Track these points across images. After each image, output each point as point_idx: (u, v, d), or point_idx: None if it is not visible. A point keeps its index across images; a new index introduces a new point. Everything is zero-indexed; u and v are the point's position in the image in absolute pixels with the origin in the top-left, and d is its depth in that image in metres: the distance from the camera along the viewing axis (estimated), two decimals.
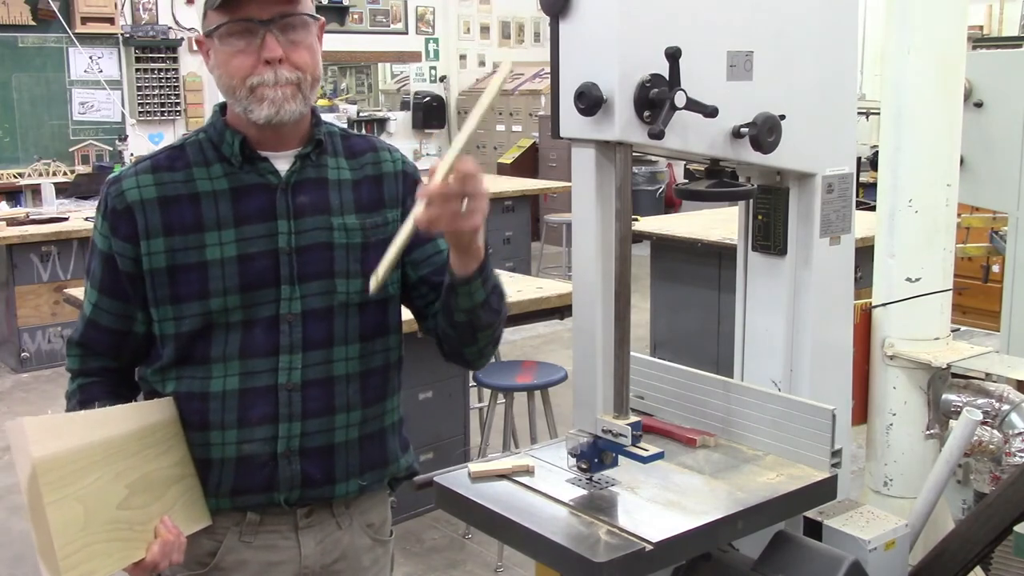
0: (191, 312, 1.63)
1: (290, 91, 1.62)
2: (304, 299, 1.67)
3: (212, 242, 1.63)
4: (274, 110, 1.61)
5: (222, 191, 1.66)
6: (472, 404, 4.60)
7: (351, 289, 1.70)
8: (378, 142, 1.85)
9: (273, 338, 1.65)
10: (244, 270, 1.64)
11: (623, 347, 1.83)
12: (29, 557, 3.93)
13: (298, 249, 1.67)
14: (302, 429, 1.67)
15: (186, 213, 1.64)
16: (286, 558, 1.71)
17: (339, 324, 1.70)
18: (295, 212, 1.67)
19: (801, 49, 2.03)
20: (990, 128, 3.65)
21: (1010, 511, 2.11)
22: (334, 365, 1.70)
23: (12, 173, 8.47)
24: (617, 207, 1.82)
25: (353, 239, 1.71)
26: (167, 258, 1.63)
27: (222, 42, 1.61)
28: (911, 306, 2.69)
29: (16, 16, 8.40)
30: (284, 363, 1.66)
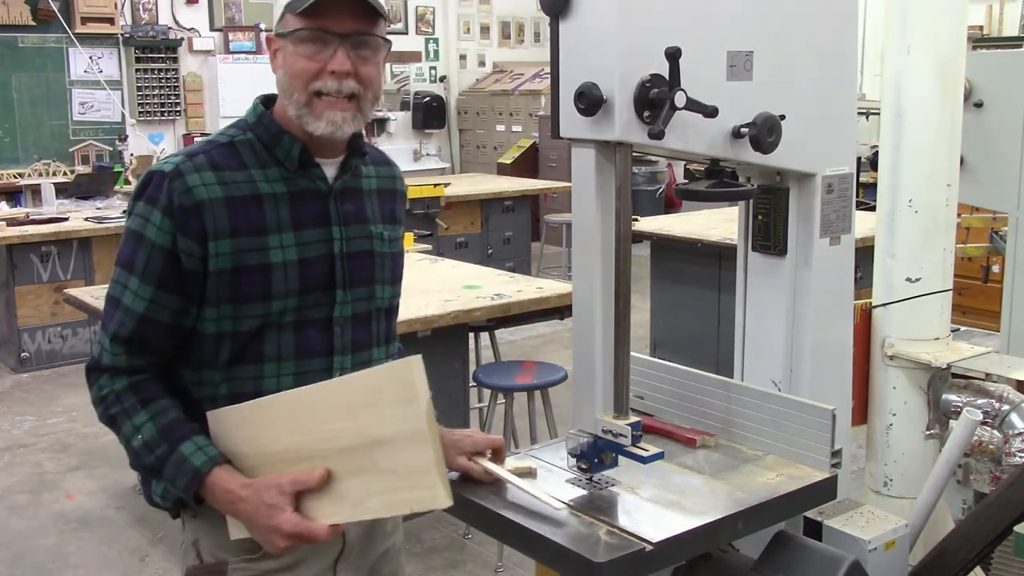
0: (252, 313, 1.65)
1: (350, 112, 1.66)
2: (353, 303, 1.75)
3: (275, 245, 1.66)
4: (332, 129, 1.65)
5: (281, 194, 1.68)
6: (472, 404, 4.60)
7: (384, 295, 1.81)
8: (386, 155, 1.95)
9: (327, 340, 1.72)
10: (304, 273, 1.68)
11: (623, 347, 1.83)
12: (29, 557, 3.93)
13: (348, 255, 1.74)
14: None
15: (252, 215, 1.64)
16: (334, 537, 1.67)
17: (375, 327, 1.80)
18: (345, 219, 1.75)
19: (801, 49, 2.03)
20: (990, 128, 3.65)
21: (1010, 511, 2.11)
22: (372, 365, 1.78)
23: (12, 173, 8.47)
24: (617, 207, 1.82)
25: (385, 248, 1.81)
26: (233, 259, 1.63)
27: (296, 45, 1.65)
28: (911, 306, 2.69)
29: (16, 16, 8.40)
30: (337, 363, 1.73)
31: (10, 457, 5.02)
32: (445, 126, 11.48)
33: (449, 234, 7.92)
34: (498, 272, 4.83)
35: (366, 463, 1.54)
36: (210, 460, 1.59)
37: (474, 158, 11.52)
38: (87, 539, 4.09)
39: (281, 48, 1.68)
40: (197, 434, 1.63)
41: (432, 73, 11.52)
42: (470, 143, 11.62)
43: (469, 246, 8.13)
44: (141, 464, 1.64)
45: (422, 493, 1.53)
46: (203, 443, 1.62)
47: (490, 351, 4.70)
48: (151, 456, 1.61)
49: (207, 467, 1.58)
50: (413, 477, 1.52)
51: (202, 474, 1.58)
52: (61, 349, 6.59)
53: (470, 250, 8.05)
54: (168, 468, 1.60)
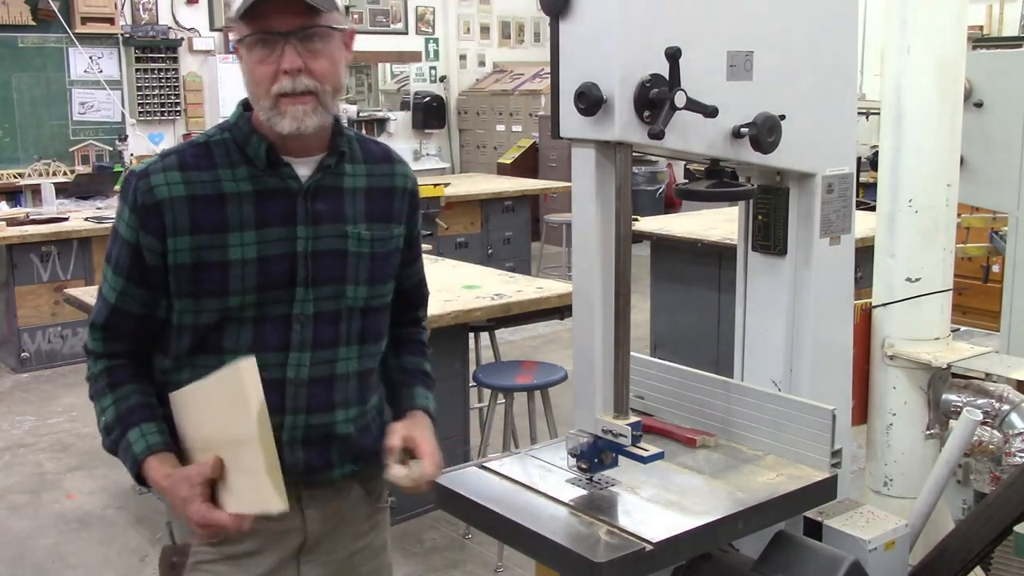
0: (210, 307, 1.71)
1: (310, 105, 1.67)
2: (316, 301, 1.75)
3: (235, 243, 1.70)
4: (295, 125, 1.67)
5: (247, 193, 1.72)
6: (472, 404, 4.60)
7: (358, 295, 1.80)
8: (394, 153, 1.93)
9: (285, 336, 1.74)
10: (263, 271, 1.71)
11: (623, 347, 1.83)
12: (29, 557, 3.93)
13: (314, 254, 1.74)
14: (306, 421, 1.76)
15: (212, 213, 1.69)
16: (292, 527, 1.80)
17: (344, 326, 1.79)
18: (313, 218, 1.75)
19: (801, 49, 2.03)
20: (990, 128, 3.65)
21: (1010, 511, 2.11)
22: (337, 364, 1.79)
23: (12, 173, 8.47)
24: (617, 207, 1.82)
25: (364, 248, 1.80)
26: (192, 255, 1.69)
27: (248, 51, 1.68)
28: (911, 306, 2.69)
29: (16, 16, 8.39)
30: (293, 360, 1.74)
31: (10, 457, 5.02)
32: (445, 126, 11.48)
33: (449, 234, 7.91)
34: (498, 272, 4.83)
35: (233, 460, 1.64)
36: (147, 448, 1.69)
37: (474, 158, 11.52)
38: (87, 539, 4.09)
39: (241, 55, 1.71)
40: (148, 421, 1.72)
41: (432, 73, 11.52)
42: (470, 143, 11.62)
43: (469, 246, 8.13)
44: (104, 444, 1.76)
45: (261, 495, 1.60)
46: (149, 431, 1.71)
47: (490, 351, 4.70)
48: (109, 438, 1.74)
49: (143, 455, 1.69)
50: (255, 479, 1.61)
51: (139, 461, 1.69)
52: (61, 349, 6.59)
53: (470, 250, 8.05)
54: (120, 451, 1.72)
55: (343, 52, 1.74)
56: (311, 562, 1.83)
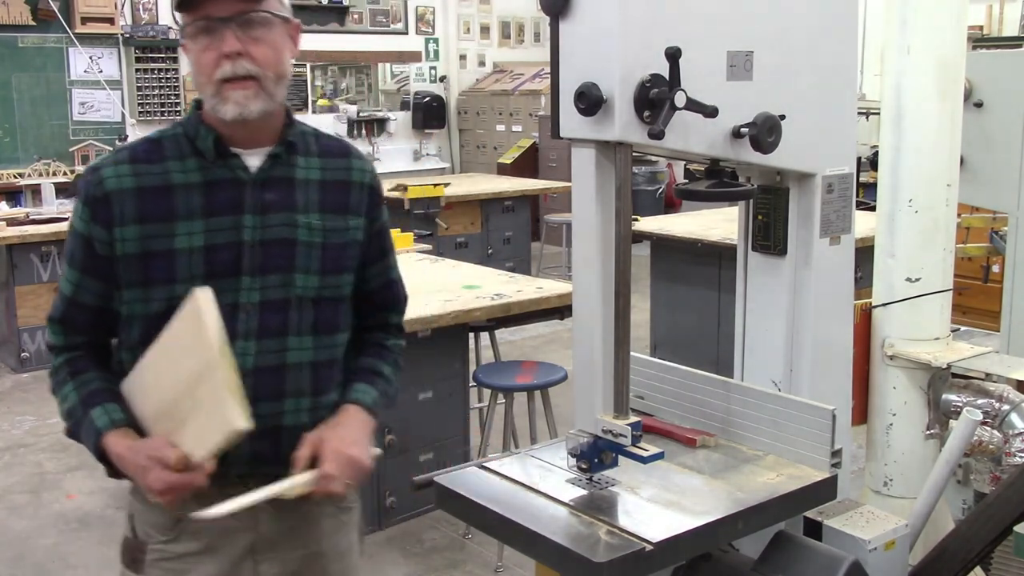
0: (158, 296, 1.73)
1: (252, 90, 1.70)
2: (262, 290, 1.76)
3: (182, 232, 1.72)
4: (238, 110, 1.69)
5: (195, 184, 1.74)
6: (472, 404, 4.60)
7: (308, 284, 1.80)
8: (353, 149, 1.94)
9: (231, 325, 1.73)
10: (209, 259, 1.73)
11: (623, 347, 1.83)
12: (29, 557, 3.93)
13: (262, 243, 1.76)
14: (253, 411, 1.72)
15: (160, 203, 1.73)
16: (243, 525, 1.79)
17: (294, 316, 1.79)
18: (262, 208, 1.76)
19: (801, 49, 2.03)
20: (990, 128, 3.65)
21: (1010, 511, 2.11)
22: (288, 353, 1.79)
23: (12, 173, 8.46)
24: (617, 207, 1.82)
25: (315, 237, 1.80)
26: (139, 245, 1.72)
27: (192, 41, 1.72)
28: (911, 306, 2.69)
29: (16, 16, 8.39)
30: (239, 349, 1.74)
31: (10, 457, 5.02)
32: (445, 126, 11.47)
33: (449, 234, 7.91)
34: (498, 272, 4.83)
35: (194, 406, 1.65)
36: (111, 423, 1.71)
37: (474, 158, 11.52)
38: (87, 539, 4.08)
39: (187, 48, 1.74)
40: (111, 401, 1.74)
41: (432, 73, 11.52)
42: (470, 143, 11.62)
43: (469, 246, 8.13)
44: (67, 431, 1.78)
45: (224, 419, 1.61)
46: (111, 409, 1.73)
47: (490, 351, 4.70)
48: (72, 421, 1.76)
49: (105, 429, 1.70)
50: (218, 405, 1.62)
51: (101, 434, 1.70)
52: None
53: (470, 250, 8.05)
54: (82, 431, 1.73)
55: (287, 43, 1.77)
56: (269, 560, 1.82)
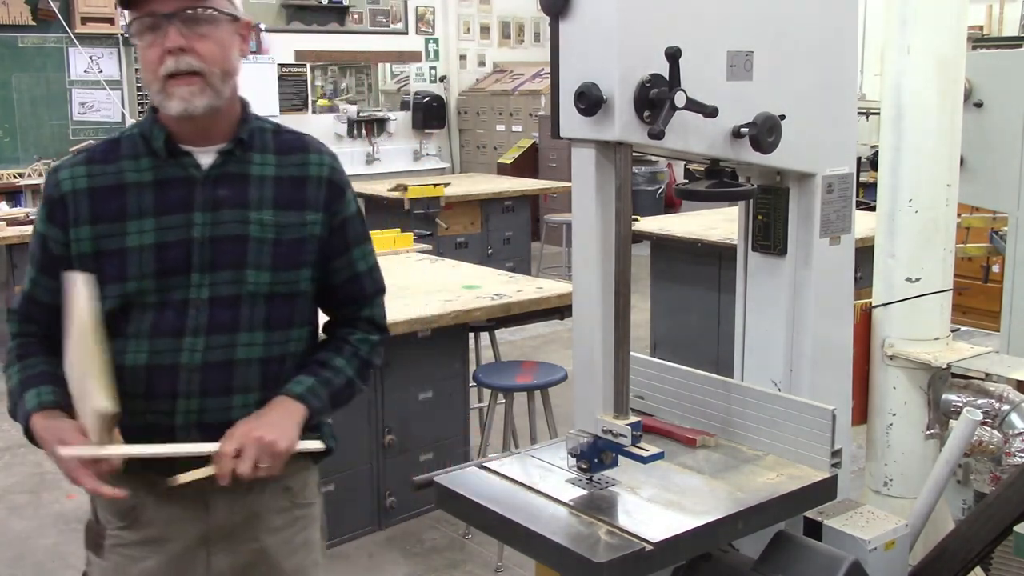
0: (112, 293, 1.76)
1: (197, 86, 1.71)
2: (212, 286, 1.78)
3: (133, 230, 1.76)
4: (183, 105, 1.71)
5: (147, 183, 1.78)
6: (472, 404, 4.60)
7: (260, 280, 1.80)
8: (311, 143, 1.92)
9: (181, 320, 1.77)
10: (160, 257, 1.76)
11: (623, 347, 1.83)
12: (29, 557, 3.93)
13: (212, 239, 1.78)
14: (200, 406, 1.78)
15: (112, 202, 1.77)
16: (193, 516, 1.83)
17: (245, 312, 1.80)
18: (213, 205, 1.79)
19: (801, 49, 2.03)
20: (990, 128, 3.65)
21: (1010, 511, 2.11)
22: (237, 349, 1.80)
23: (12, 173, 8.46)
24: (617, 207, 1.82)
25: (267, 233, 1.81)
26: (92, 244, 1.77)
27: (138, 38, 1.74)
28: (911, 306, 2.69)
29: (16, 16, 8.39)
30: (188, 344, 1.77)
31: (10, 457, 5.02)
32: (445, 126, 11.47)
33: (449, 234, 7.91)
34: (498, 272, 4.83)
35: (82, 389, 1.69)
36: (38, 404, 1.74)
37: (474, 158, 11.52)
38: None
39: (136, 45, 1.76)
40: (45, 384, 1.77)
41: (432, 73, 11.52)
42: (470, 143, 11.62)
43: (469, 246, 8.13)
44: (8, 411, 1.82)
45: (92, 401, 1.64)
46: (44, 391, 1.76)
47: (490, 351, 4.70)
48: (11, 402, 1.80)
49: (33, 410, 1.74)
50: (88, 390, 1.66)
51: (28, 415, 1.74)
52: None
53: (470, 250, 8.04)
54: (18, 411, 1.78)
55: (235, 40, 1.78)
56: (222, 551, 1.85)
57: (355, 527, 3.98)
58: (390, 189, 7.78)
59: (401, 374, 4.02)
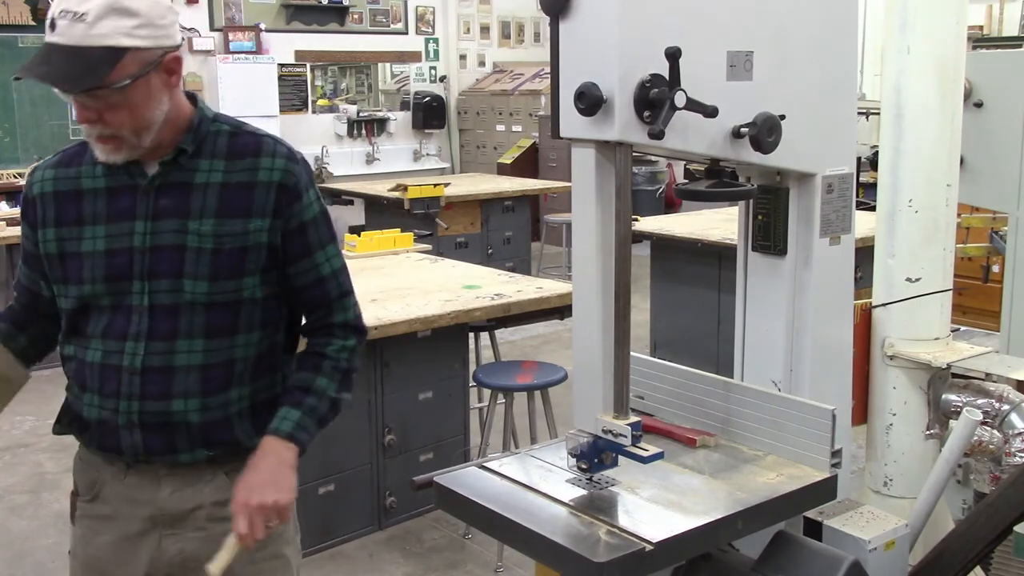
0: (71, 294, 1.86)
1: (112, 145, 1.76)
2: (152, 294, 1.82)
3: (88, 235, 1.83)
4: (105, 157, 1.79)
5: (100, 189, 1.84)
6: (472, 404, 4.60)
7: (197, 290, 1.82)
8: (266, 146, 1.87)
9: (125, 325, 1.83)
10: (108, 263, 1.82)
11: (623, 347, 1.83)
12: (29, 557, 3.93)
13: (152, 248, 1.81)
14: (140, 407, 1.83)
15: (72, 207, 1.85)
16: (146, 499, 1.89)
17: (184, 320, 1.82)
18: (153, 214, 1.82)
19: (801, 49, 2.03)
20: (990, 128, 3.65)
21: (1010, 511, 2.11)
22: (176, 356, 1.83)
23: (12, 173, 8.47)
24: (617, 207, 1.82)
25: (205, 244, 1.81)
26: (57, 246, 1.85)
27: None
28: (911, 306, 2.69)
29: (16, 16, 8.39)
30: (129, 348, 1.82)
31: (10, 457, 5.02)
32: (445, 126, 11.48)
33: (449, 234, 7.91)
34: (498, 272, 4.83)
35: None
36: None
37: (474, 158, 11.52)
38: None
39: None
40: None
41: (432, 73, 11.52)
42: (470, 143, 11.62)
43: (469, 246, 8.13)
44: None
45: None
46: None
47: (490, 351, 4.70)
48: None
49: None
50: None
51: None
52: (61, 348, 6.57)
53: (470, 250, 8.04)
54: None
55: (158, 85, 1.76)
56: (173, 536, 1.90)
57: (355, 527, 3.98)
58: (390, 189, 7.78)
59: (401, 374, 4.02)
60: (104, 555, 1.92)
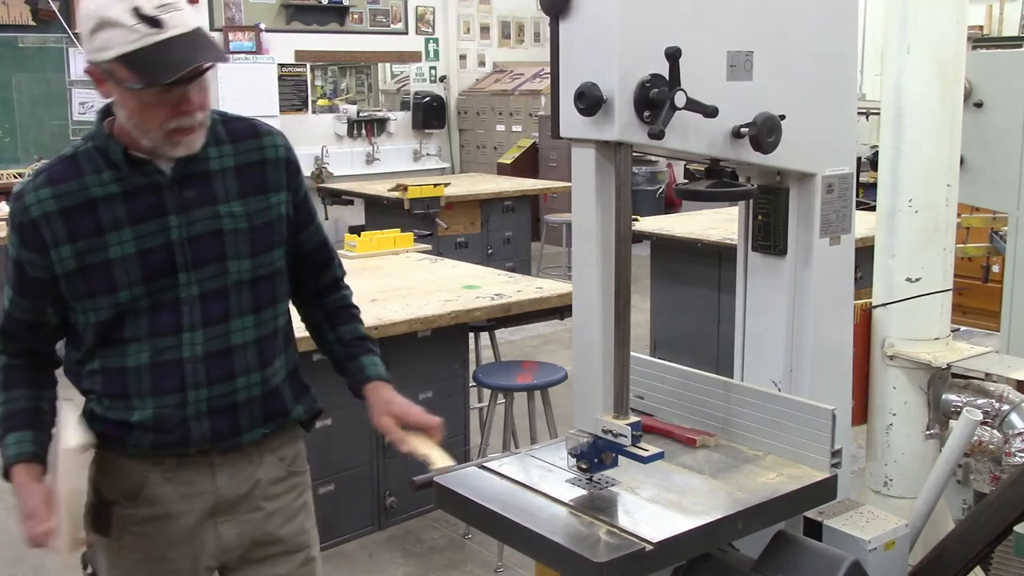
0: (104, 305, 1.83)
1: (197, 132, 1.81)
2: (200, 283, 1.86)
3: (113, 242, 1.81)
4: (186, 150, 1.80)
5: (115, 195, 1.82)
6: (472, 404, 4.60)
7: (242, 268, 1.89)
8: (260, 126, 1.99)
9: (176, 319, 1.85)
10: (144, 263, 1.82)
11: (623, 347, 1.83)
12: (29, 558, 3.93)
13: (190, 239, 1.85)
14: (208, 394, 1.87)
15: (86, 219, 1.81)
16: (203, 490, 1.93)
17: (234, 300, 1.89)
18: (184, 206, 1.85)
19: (801, 49, 2.03)
20: (990, 128, 3.65)
21: (1010, 511, 2.11)
22: (232, 336, 1.90)
23: (12, 173, 8.46)
24: (617, 207, 1.82)
25: (240, 224, 1.88)
26: (76, 261, 1.81)
27: (132, 96, 1.73)
28: (911, 306, 2.69)
29: (16, 16, 8.39)
30: (187, 340, 1.86)
31: None
32: (445, 126, 11.47)
33: (449, 234, 7.91)
34: (498, 272, 4.83)
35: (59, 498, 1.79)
36: (16, 455, 1.84)
37: (474, 158, 11.52)
38: None
39: (110, 84, 1.75)
40: (26, 429, 1.87)
41: (432, 73, 11.52)
42: (470, 143, 11.62)
43: (469, 246, 8.13)
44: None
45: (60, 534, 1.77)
46: (25, 439, 1.85)
47: (490, 351, 4.70)
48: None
49: (10, 461, 1.84)
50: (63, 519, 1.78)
51: (9, 463, 1.84)
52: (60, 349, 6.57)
53: (470, 250, 8.05)
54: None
55: None
56: (228, 522, 1.95)
57: (355, 527, 3.98)
58: (390, 189, 7.78)
59: (401, 374, 4.00)
60: (160, 556, 1.92)
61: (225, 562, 2.00)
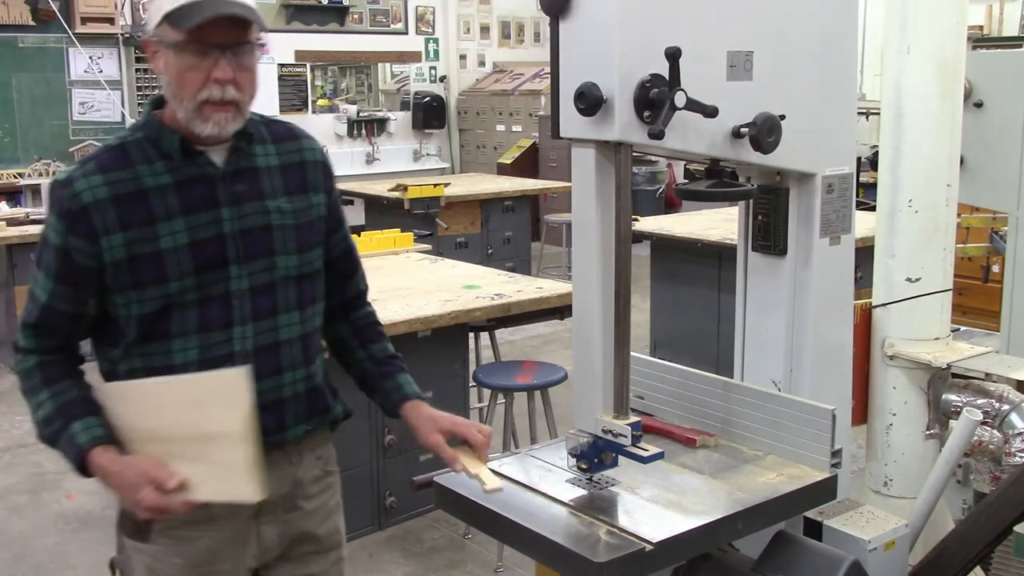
0: (152, 296, 1.80)
1: (231, 113, 1.78)
2: (250, 276, 1.85)
3: (165, 232, 1.79)
4: (217, 130, 1.78)
5: (167, 185, 1.81)
6: (472, 404, 4.60)
7: (289, 264, 1.90)
8: (297, 130, 2.01)
9: (227, 312, 1.84)
10: (196, 254, 1.81)
11: (623, 347, 1.83)
12: (29, 557, 3.93)
13: (241, 232, 1.84)
14: (257, 388, 1.81)
15: (138, 208, 1.79)
16: None
17: (281, 295, 1.90)
18: (235, 199, 1.85)
19: (801, 49, 2.03)
20: (990, 128, 3.65)
21: (1010, 511, 2.11)
22: (280, 331, 1.90)
23: (12, 173, 8.46)
24: (617, 207, 1.82)
25: (287, 220, 1.90)
26: (126, 250, 1.78)
27: (175, 55, 1.74)
28: (911, 306, 2.69)
29: (16, 16, 8.39)
30: (238, 334, 1.85)
31: (10, 457, 5.02)
32: (445, 126, 11.47)
33: (449, 234, 7.91)
34: (498, 272, 4.83)
35: (200, 453, 1.74)
36: (92, 439, 1.77)
37: (474, 158, 11.52)
38: (87, 539, 4.08)
39: (161, 53, 1.77)
40: (90, 415, 1.80)
41: (432, 73, 11.52)
42: (470, 143, 11.62)
43: (469, 246, 8.13)
44: (41, 435, 1.84)
45: (237, 485, 1.74)
46: (92, 423, 1.79)
47: (490, 351, 4.70)
48: (48, 430, 1.81)
49: (87, 445, 1.76)
50: (232, 471, 1.74)
51: (83, 451, 1.76)
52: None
53: (470, 250, 8.04)
54: (61, 442, 1.79)
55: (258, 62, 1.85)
56: (270, 522, 1.94)
57: (355, 527, 3.98)
58: (390, 189, 7.77)
59: None
60: (205, 560, 1.90)
61: (264, 561, 1.99)
